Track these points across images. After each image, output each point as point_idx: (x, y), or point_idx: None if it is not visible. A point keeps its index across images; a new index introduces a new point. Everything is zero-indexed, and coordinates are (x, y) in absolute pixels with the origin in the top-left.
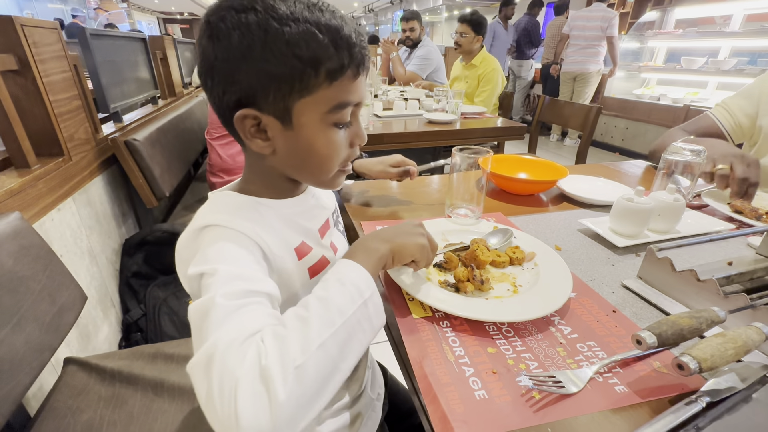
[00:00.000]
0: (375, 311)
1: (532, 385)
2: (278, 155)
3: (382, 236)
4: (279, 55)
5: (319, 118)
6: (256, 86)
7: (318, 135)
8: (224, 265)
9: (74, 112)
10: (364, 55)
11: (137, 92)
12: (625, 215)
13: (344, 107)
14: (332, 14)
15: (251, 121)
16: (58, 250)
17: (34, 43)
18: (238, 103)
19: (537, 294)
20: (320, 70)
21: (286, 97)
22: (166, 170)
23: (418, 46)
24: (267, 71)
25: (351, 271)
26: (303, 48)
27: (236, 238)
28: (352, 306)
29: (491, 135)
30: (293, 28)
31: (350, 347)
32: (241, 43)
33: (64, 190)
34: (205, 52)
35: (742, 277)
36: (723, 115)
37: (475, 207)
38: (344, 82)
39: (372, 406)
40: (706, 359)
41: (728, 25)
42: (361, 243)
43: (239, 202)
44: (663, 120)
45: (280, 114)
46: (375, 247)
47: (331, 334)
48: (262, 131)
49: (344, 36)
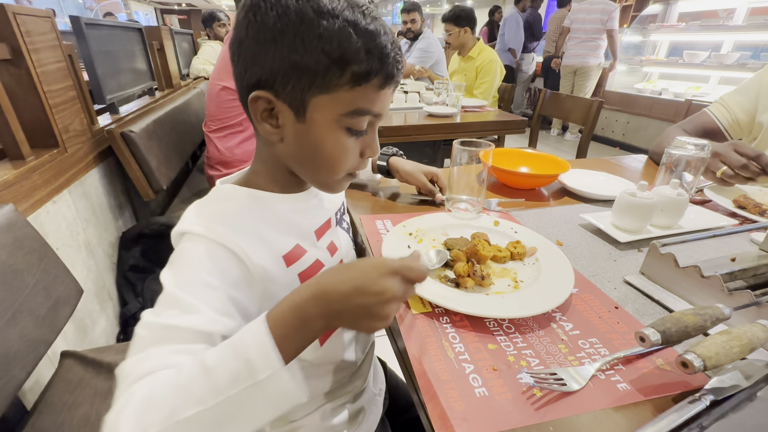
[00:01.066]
0: (278, 392)
1: (534, 383)
2: (285, 145)
3: (331, 307)
4: (308, 47)
5: (333, 118)
6: (277, 72)
7: (328, 135)
8: (175, 286)
9: (69, 103)
10: (396, 68)
11: (134, 83)
12: (627, 210)
13: (362, 114)
14: (374, 20)
15: (264, 104)
16: (54, 243)
17: (27, 32)
18: (257, 83)
19: (538, 290)
20: (345, 71)
21: (305, 89)
22: (163, 163)
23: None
24: (292, 60)
25: (251, 343)
26: (334, 45)
27: (209, 250)
28: (233, 387)
29: (492, 128)
30: (329, 23)
31: (225, 430)
32: (275, 25)
33: (60, 182)
34: (239, 26)
35: (745, 273)
36: (721, 112)
37: (475, 201)
38: (368, 90)
39: (374, 401)
40: (710, 357)
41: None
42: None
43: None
44: (664, 115)
45: (295, 104)
46: (312, 320)
47: (197, 412)
48: (274, 117)
49: (379, 44)
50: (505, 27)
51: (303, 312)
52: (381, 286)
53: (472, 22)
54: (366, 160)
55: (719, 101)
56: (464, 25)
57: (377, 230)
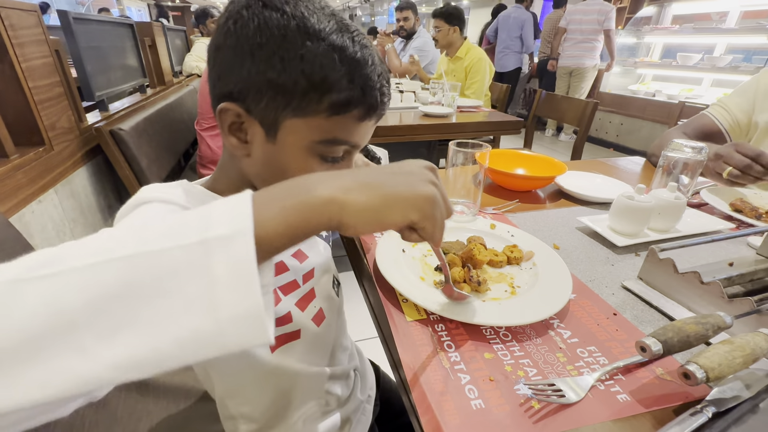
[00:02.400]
0: (230, 276)
1: (531, 394)
2: (252, 162)
3: (361, 177)
4: (287, 66)
5: (306, 144)
6: (251, 86)
7: (299, 160)
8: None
9: (56, 100)
10: (381, 101)
11: (124, 80)
12: (625, 213)
13: (338, 144)
14: (363, 48)
15: (233, 117)
16: (40, 244)
17: (11, 25)
18: (229, 94)
19: (536, 296)
20: (324, 98)
21: (279, 109)
22: (154, 161)
23: (414, 38)
24: (269, 76)
25: (217, 202)
26: (315, 69)
27: (175, 211)
28: (164, 239)
29: (487, 129)
30: (314, 45)
31: (116, 311)
32: (254, 38)
33: (46, 181)
34: (218, 32)
35: (743, 279)
36: (721, 113)
37: (471, 204)
38: (346, 120)
39: (362, 410)
40: (713, 368)
41: (724, 21)
42: (311, 177)
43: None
44: (658, 116)
45: (266, 123)
46: (317, 184)
47: (84, 265)
48: (243, 131)
49: (364, 74)
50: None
51: (305, 179)
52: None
53: (462, 24)
54: None
55: (718, 103)
56: (455, 24)
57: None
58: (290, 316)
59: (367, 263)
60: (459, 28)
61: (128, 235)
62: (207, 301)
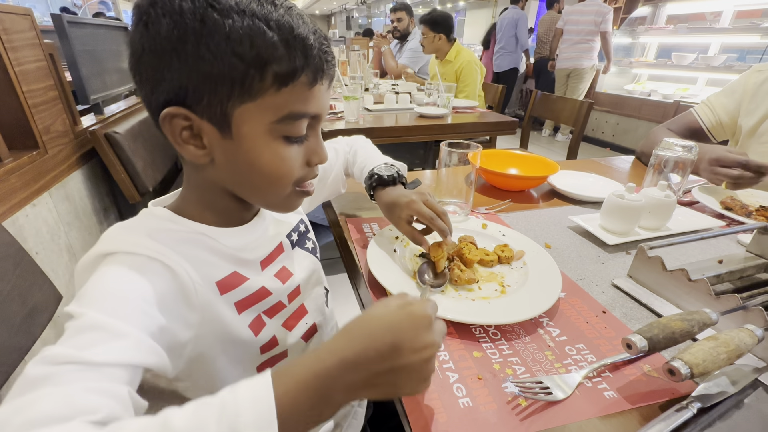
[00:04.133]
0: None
1: (519, 392)
2: (217, 167)
3: (363, 374)
4: (216, 52)
5: (264, 128)
6: (187, 86)
7: (263, 148)
8: (96, 310)
9: (50, 103)
10: (324, 60)
11: (120, 83)
12: (615, 212)
13: (296, 119)
14: (287, 10)
15: (182, 122)
16: (34, 248)
17: (4, 29)
18: (166, 103)
19: (525, 294)
20: (266, 73)
21: (224, 101)
22: (150, 164)
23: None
24: (201, 69)
25: (248, 409)
26: (246, 45)
27: (142, 269)
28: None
29: (482, 129)
30: (236, 22)
31: None
32: (172, 33)
33: (40, 185)
34: (132, 42)
35: (732, 276)
36: (705, 112)
37: (463, 203)
38: (297, 89)
39: (352, 414)
40: (698, 364)
41: (718, 21)
42: (323, 370)
43: (165, 226)
44: (653, 116)
45: (216, 120)
46: (335, 393)
47: None
48: (197, 137)
49: (299, 35)
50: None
51: (325, 383)
52: (425, 340)
53: (449, 30)
54: (314, 168)
55: (705, 102)
56: (439, 31)
57: (363, 234)
58: (276, 339)
59: (359, 264)
60: (445, 35)
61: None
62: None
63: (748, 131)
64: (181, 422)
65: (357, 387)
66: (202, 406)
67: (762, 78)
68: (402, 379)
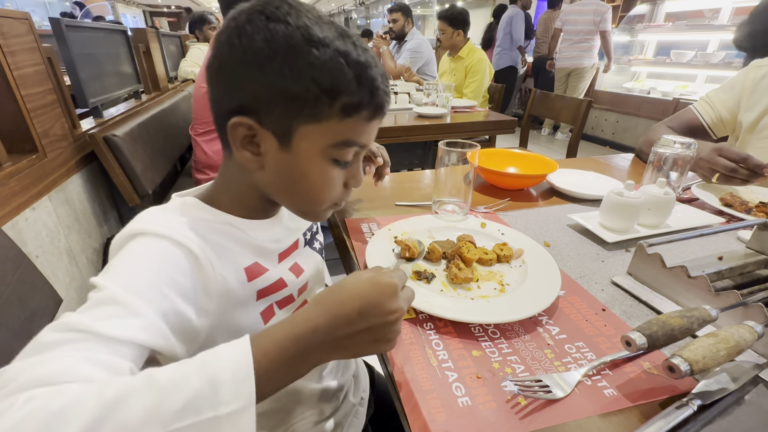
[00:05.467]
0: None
1: (518, 391)
2: (266, 173)
3: (334, 335)
4: (297, 74)
5: (320, 149)
6: (262, 98)
7: (314, 166)
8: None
9: (49, 107)
10: (385, 100)
11: (119, 87)
12: (614, 210)
13: (349, 146)
14: (364, 51)
15: (245, 131)
16: (34, 251)
17: (2, 34)
18: (238, 109)
19: (524, 293)
20: (336, 102)
21: (292, 118)
22: (149, 167)
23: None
24: (279, 86)
25: (227, 363)
26: (325, 75)
27: (166, 253)
28: (184, 415)
29: (482, 129)
30: (321, 52)
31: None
32: (262, 50)
33: (39, 189)
34: (220, 48)
35: (732, 272)
36: (705, 108)
37: (462, 203)
38: (358, 121)
39: (354, 413)
40: (697, 361)
41: (717, 18)
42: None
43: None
44: (653, 113)
45: (280, 132)
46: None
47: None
48: (255, 144)
49: (370, 75)
50: (512, 26)
51: (301, 344)
52: (389, 306)
53: (466, 26)
54: (350, 190)
55: (705, 98)
56: (459, 27)
57: (362, 233)
58: None
59: (358, 265)
60: (463, 31)
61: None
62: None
63: (748, 127)
64: (165, 375)
65: (329, 349)
66: (184, 363)
67: (761, 73)
68: (368, 341)
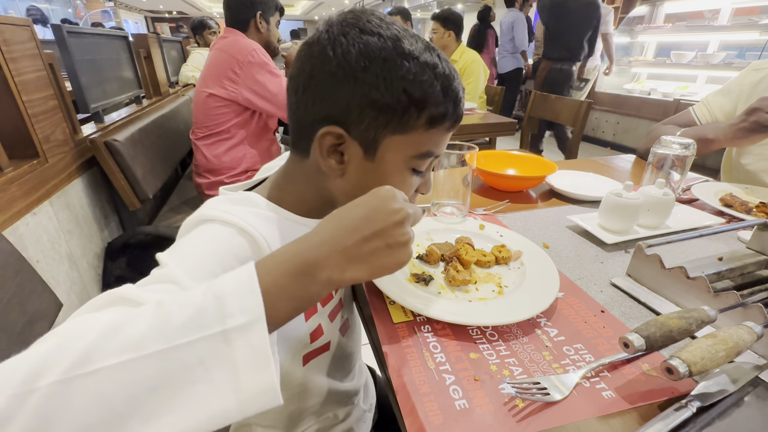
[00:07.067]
0: (247, 360)
1: (516, 393)
2: (346, 181)
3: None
4: (390, 86)
5: (403, 158)
6: (353, 108)
7: (396, 175)
8: (178, 264)
9: (50, 113)
10: (462, 112)
11: (120, 92)
12: (613, 211)
13: (429, 156)
14: (446, 63)
15: (333, 140)
16: (35, 256)
17: (4, 41)
18: (327, 118)
19: (523, 295)
20: (423, 113)
21: (381, 128)
22: (150, 171)
23: None
24: (371, 97)
25: (229, 280)
26: (416, 86)
27: (232, 237)
28: (187, 331)
29: (482, 131)
30: (411, 65)
31: (156, 400)
32: (357, 62)
33: (40, 194)
34: (310, 60)
35: (732, 273)
36: (702, 111)
37: (461, 205)
38: (439, 132)
39: (363, 419)
40: (696, 362)
41: (717, 19)
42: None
43: (261, 210)
44: (653, 114)
45: (366, 142)
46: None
47: (116, 364)
48: (339, 153)
49: (454, 87)
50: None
51: (305, 260)
52: (391, 206)
53: (459, 29)
54: (416, 196)
55: (703, 101)
56: (450, 28)
57: None
58: (321, 328)
59: None
60: (454, 33)
61: (153, 325)
62: (232, 384)
63: None
64: (171, 298)
65: (340, 261)
66: (188, 291)
67: (758, 77)
68: (381, 247)
